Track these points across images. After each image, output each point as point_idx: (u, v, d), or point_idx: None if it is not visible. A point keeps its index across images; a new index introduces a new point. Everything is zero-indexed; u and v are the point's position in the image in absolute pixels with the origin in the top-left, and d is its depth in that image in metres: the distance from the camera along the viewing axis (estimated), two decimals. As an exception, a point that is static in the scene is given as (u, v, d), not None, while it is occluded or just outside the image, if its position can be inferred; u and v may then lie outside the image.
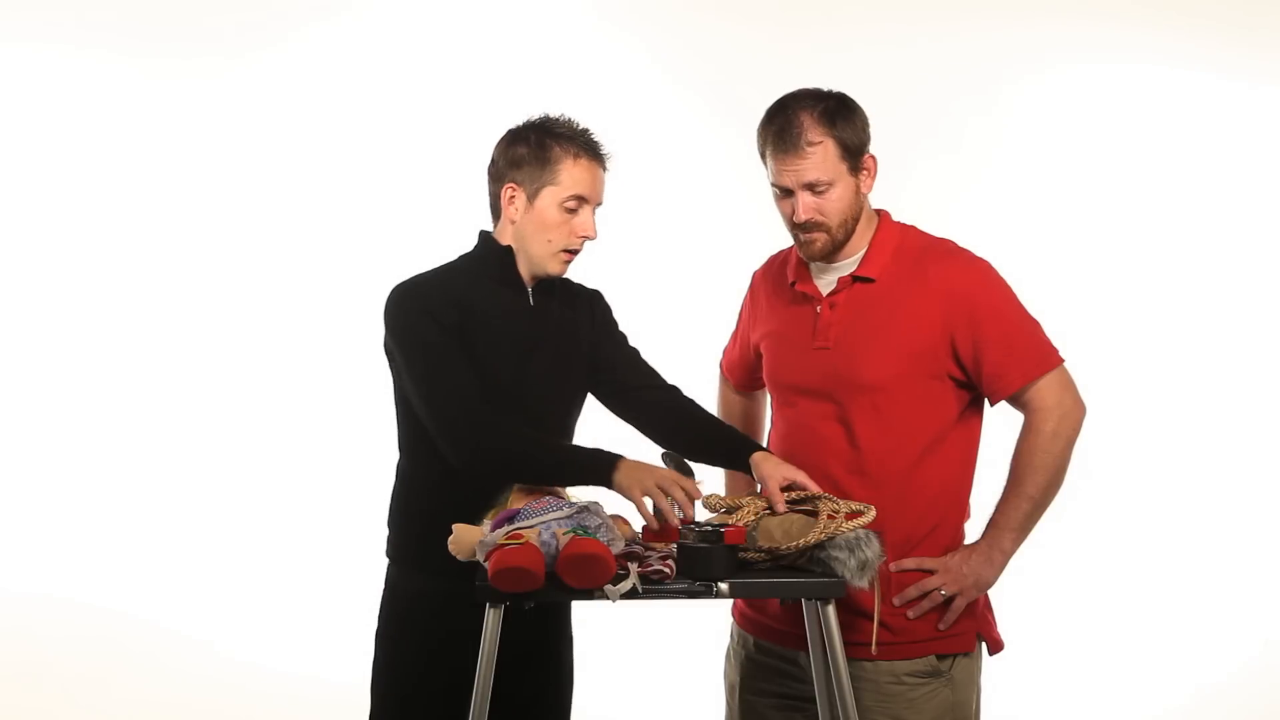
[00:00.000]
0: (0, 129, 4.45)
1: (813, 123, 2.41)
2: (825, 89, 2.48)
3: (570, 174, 2.45)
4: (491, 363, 2.45)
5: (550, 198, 2.46)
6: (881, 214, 2.55)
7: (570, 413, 2.60)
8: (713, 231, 4.31)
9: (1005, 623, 2.57)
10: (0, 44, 4.44)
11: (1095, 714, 4.31)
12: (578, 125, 2.49)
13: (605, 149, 2.50)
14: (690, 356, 2.92)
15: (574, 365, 2.57)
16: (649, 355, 2.65)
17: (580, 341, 2.59)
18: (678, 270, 4.34)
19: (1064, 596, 4.34)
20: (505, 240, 2.52)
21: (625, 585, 2.13)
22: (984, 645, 2.53)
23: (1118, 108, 4.48)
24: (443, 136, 4.32)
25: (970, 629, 2.48)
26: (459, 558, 2.22)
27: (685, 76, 4.48)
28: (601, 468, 2.33)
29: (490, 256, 2.52)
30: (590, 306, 2.64)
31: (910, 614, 2.43)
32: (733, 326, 2.81)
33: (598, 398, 2.65)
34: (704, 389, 2.90)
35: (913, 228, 2.56)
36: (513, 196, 2.48)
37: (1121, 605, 4.42)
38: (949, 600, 2.43)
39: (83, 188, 4.47)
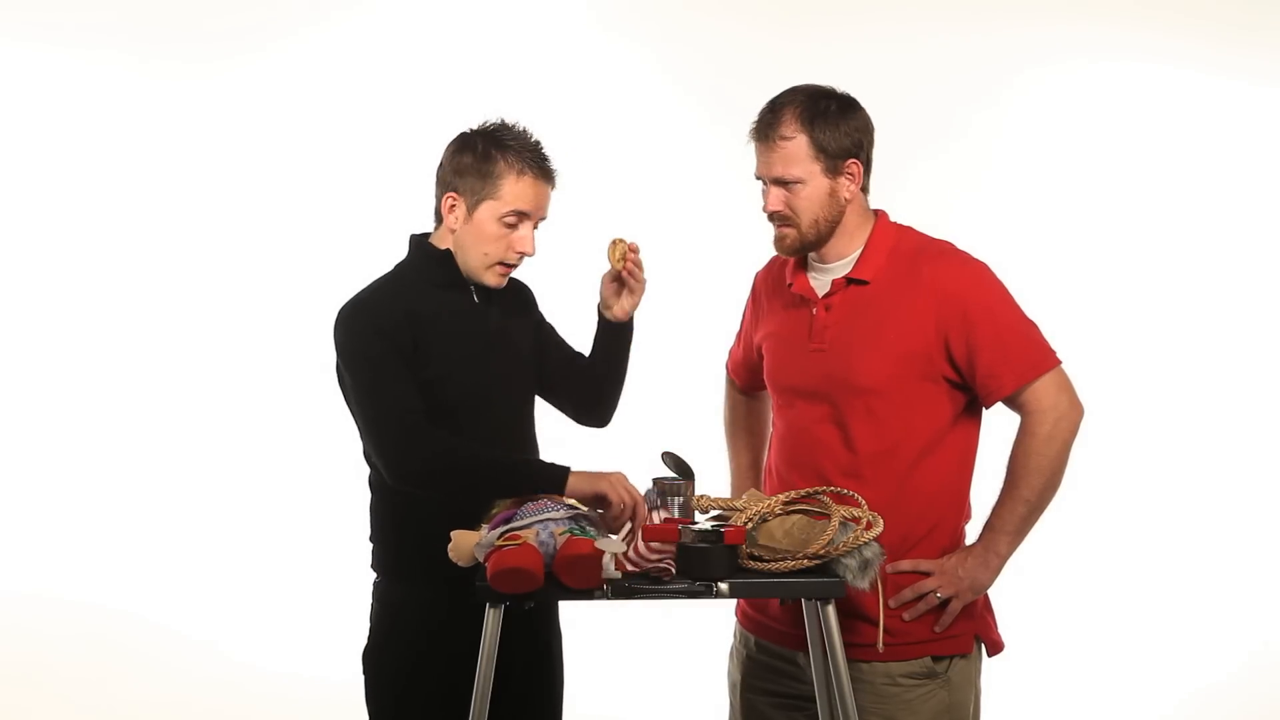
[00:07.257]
0: (-1, 128, 4.47)
1: (791, 118, 2.40)
2: (830, 88, 2.46)
3: (512, 189, 2.40)
4: (451, 367, 2.43)
5: (489, 212, 2.42)
6: (879, 214, 2.53)
7: (530, 410, 2.59)
8: (715, 233, 4.31)
9: (1005, 624, 2.56)
10: (0, 44, 4.45)
11: (1095, 714, 4.30)
12: (530, 137, 2.45)
13: (553, 164, 2.45)
14: (693, 358, 2.92)
15: (524, 362, 2.56)
16: (651, 357, 2.65)
17: (525, 337, 2.58)
18: (680, 272, 4.33)
19: (1064, 597, 4.34)
20: (445, 245, 2.48)
21: (618, 545, 2.14)
22: (983, 647, 2.52)
23: (1118, 108, 4.48)
24: (441, 137, 4.30)
25: (968, 630, 2.47)
26: (459, 563, 2.22)
27: (685, 77, 4.48)
28: (554, 477, 2.33)
29: (430, 262, 2.48)
30: (525, 298, 2.63)
31: (905, 616, 2.42)
32: (736, 328, 2.80)
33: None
34: (708, 391, 2.90)
35: (910, 229, 2.53)
36: (453, 206, 2.45)
37: (1121, 606, 4.42)
38: (945, 602, 2.42)
39: (80, 189, 4.47)
